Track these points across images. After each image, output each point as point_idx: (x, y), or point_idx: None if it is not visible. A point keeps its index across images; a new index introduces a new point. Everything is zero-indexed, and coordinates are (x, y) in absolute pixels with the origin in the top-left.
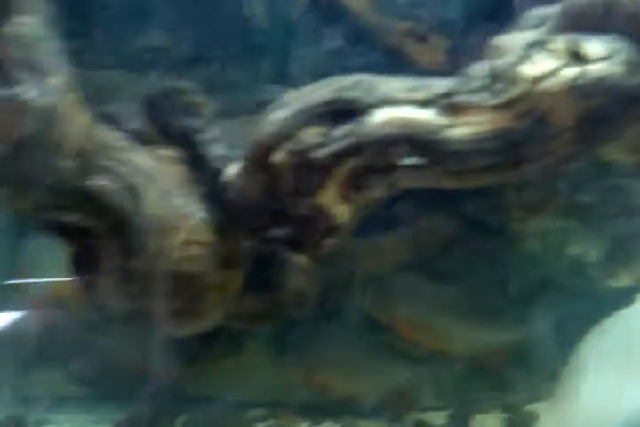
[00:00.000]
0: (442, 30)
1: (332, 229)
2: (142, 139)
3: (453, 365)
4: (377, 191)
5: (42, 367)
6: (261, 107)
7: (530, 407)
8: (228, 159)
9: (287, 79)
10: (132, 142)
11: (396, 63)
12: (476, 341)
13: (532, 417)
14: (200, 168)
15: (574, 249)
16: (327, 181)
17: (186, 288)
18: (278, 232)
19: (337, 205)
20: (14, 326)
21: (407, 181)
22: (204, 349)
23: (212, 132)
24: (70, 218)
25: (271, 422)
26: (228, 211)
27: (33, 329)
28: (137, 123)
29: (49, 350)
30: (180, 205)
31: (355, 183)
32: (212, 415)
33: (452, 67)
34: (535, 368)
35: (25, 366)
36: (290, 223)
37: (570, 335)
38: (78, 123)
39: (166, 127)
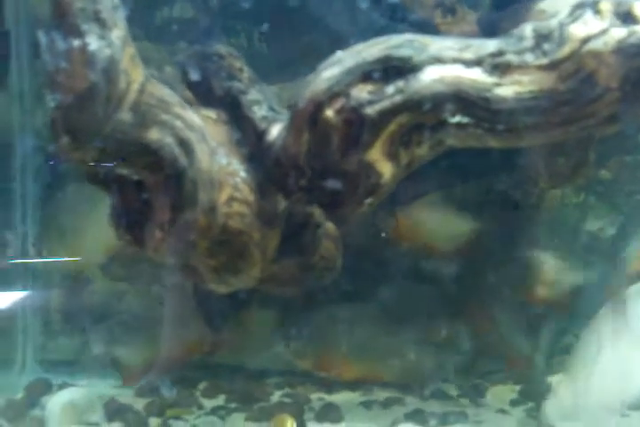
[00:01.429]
0: (470, 2)
1: (374, 188)
2: None
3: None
4: (423, 149)
5: (66, 333)
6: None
7: (544, 379)
8: (271, 120)
9: (316, 52)
10: (181, 101)
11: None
12: None
13: (546, 389)
14: (243, 129)
15: (592, 225)
16: (376, 137)
17: (230, 244)
18: (320, 191)
19: (383, 163)
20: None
21: (453, 140)
22: (232, 314)
23: (254, 94)
24: (125, 171)
25: (288, 390)
26: (269, 171)
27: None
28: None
29: (73, 317)
30: (224, 163)
31: (403, 140)
32: (232, 382)
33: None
34: (549, 342)
35: (50, 332)
36: (333, 182)
37: (585, 308)
38: (136, 76)
39: (207, 90)
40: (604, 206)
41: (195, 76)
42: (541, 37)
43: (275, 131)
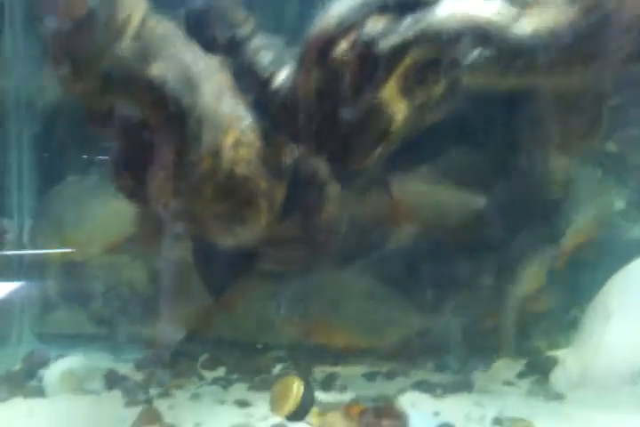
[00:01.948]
0: None
1: (384, 134)
2: None
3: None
4: (439, 88)
5: (63, 307)
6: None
7: (549, 353)
8: (277, 66)
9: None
10: (185, 38)
11: None
12: None
13: (552, 362)
14: (248, 77)
15: (601, 198)
16: (390, 73)
17: (236, 191)
18: (329, 135)
19: (396, 102)
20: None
21: (470, 78)
22: (234, 279)
23: (260, 40)
24: (127, 110)
25: (289, 363)
26: (276, 117)
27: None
28: None
29: (69, 291)
30: (230, 107)
31: (417, 77)
32: (232, 355)
33: None
34: (554, 317)
35: (47, 306)
36: (342, 128)
37: (591, 281)
38: (137, 8)
39: (210, 39)
40: (612, 179)
41: (198, 25)
42: None
43: (282, 76)
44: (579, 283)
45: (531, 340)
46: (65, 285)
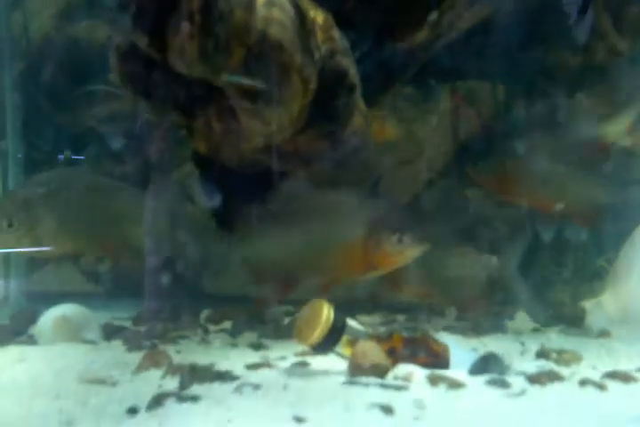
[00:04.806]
0: None
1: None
2: None
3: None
4: None
5: (51, 263)
6: None
7: (575, 303)
8: None
9: None
10: None
11: None
12: None
13: (577, 312)
14: None
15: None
16: None
17: (269, 58)
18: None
19: None
20: None
21: None
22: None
23: None
24: None
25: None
26: None
27: None
28: None
29: None
30: None
31: None
32: (238, 310)
33: None
34: (576, 268)
35: (34, 263)
36: None
37: (614, 233)
38: None
39: None
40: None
41: None
42: None
43: None
44: (604, 233)
45: (553, 292)
46: None
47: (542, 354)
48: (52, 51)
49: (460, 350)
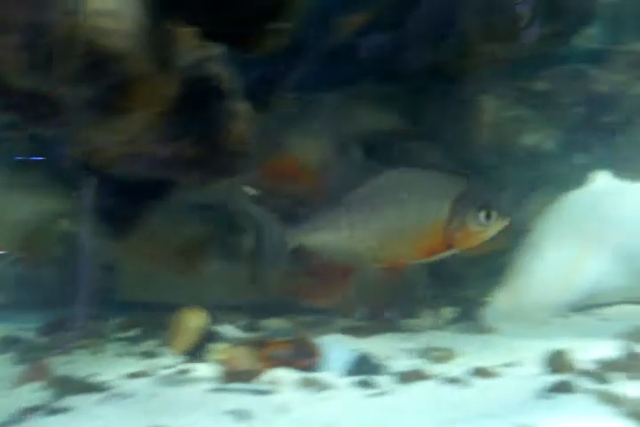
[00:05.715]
0: None
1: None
2: None
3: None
4: None
5: None
6: None
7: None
8: None
9: None
10: None
11: None
12: None
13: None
14: None
15: (530, 139)
16: None
17: (107, 72)
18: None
19: None
20: None
21: None
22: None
23: None
24: None
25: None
26: None
27: None
28: None
29: None
30: None
31: None
32: (148, 317)
33: None
34: (488, 263)
35: None
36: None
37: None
38: None
39: None
40: (542, 119)
41: None
42: None
43: None
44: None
45: (463, 289)
46: None
47: (422, 354)
48: None
49: (340, 352)
